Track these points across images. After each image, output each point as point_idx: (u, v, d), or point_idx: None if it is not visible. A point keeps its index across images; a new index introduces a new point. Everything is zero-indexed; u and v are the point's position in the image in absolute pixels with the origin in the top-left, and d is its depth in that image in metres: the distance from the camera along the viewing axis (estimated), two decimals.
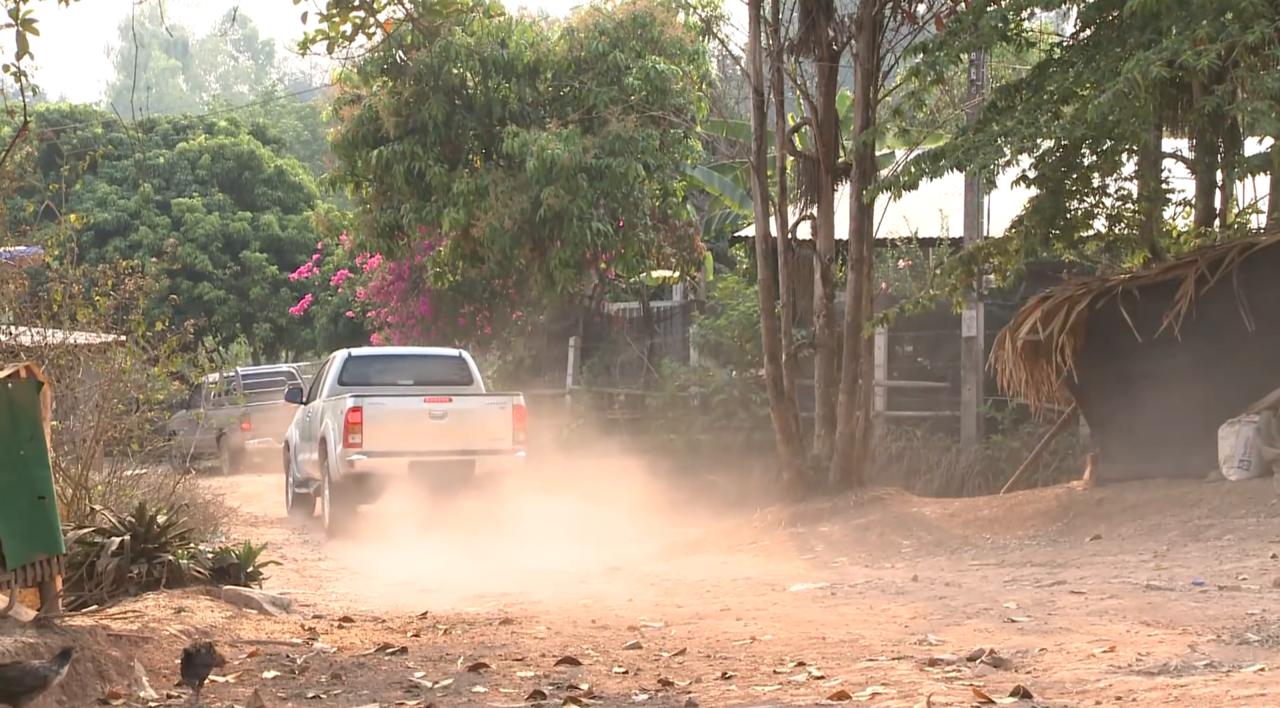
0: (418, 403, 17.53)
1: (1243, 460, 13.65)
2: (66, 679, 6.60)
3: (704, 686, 6.58)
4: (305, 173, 40.70)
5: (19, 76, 8.59)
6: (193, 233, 36.74)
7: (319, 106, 41.14)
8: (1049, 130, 13.50)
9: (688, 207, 25.10)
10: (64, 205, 11.93)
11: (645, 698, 6.36)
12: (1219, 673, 6.07)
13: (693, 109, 23.08)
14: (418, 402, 17.56)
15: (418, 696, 6.57)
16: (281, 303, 36.68)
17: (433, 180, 22.15)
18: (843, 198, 16.97)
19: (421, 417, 17.42)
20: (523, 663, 7.38)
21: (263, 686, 6.80)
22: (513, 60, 22.69)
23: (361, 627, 8.99)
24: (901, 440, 19.89)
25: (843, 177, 16.57)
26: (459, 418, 17.52)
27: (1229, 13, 12.11)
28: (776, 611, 9.17)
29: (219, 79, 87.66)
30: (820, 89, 16.66)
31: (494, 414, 17.77)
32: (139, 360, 11.33)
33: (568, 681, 6.79)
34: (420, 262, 25.07)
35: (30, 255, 11.90)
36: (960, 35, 13.65)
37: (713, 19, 22.27)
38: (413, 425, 17.30)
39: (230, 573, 9.64)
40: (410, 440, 17.12)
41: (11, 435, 7.15)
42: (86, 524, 9.35)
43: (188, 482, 12.01)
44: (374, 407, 17.17)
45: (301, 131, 51.90)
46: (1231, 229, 15.81)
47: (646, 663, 7.31)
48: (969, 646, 7.17)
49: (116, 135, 37.47)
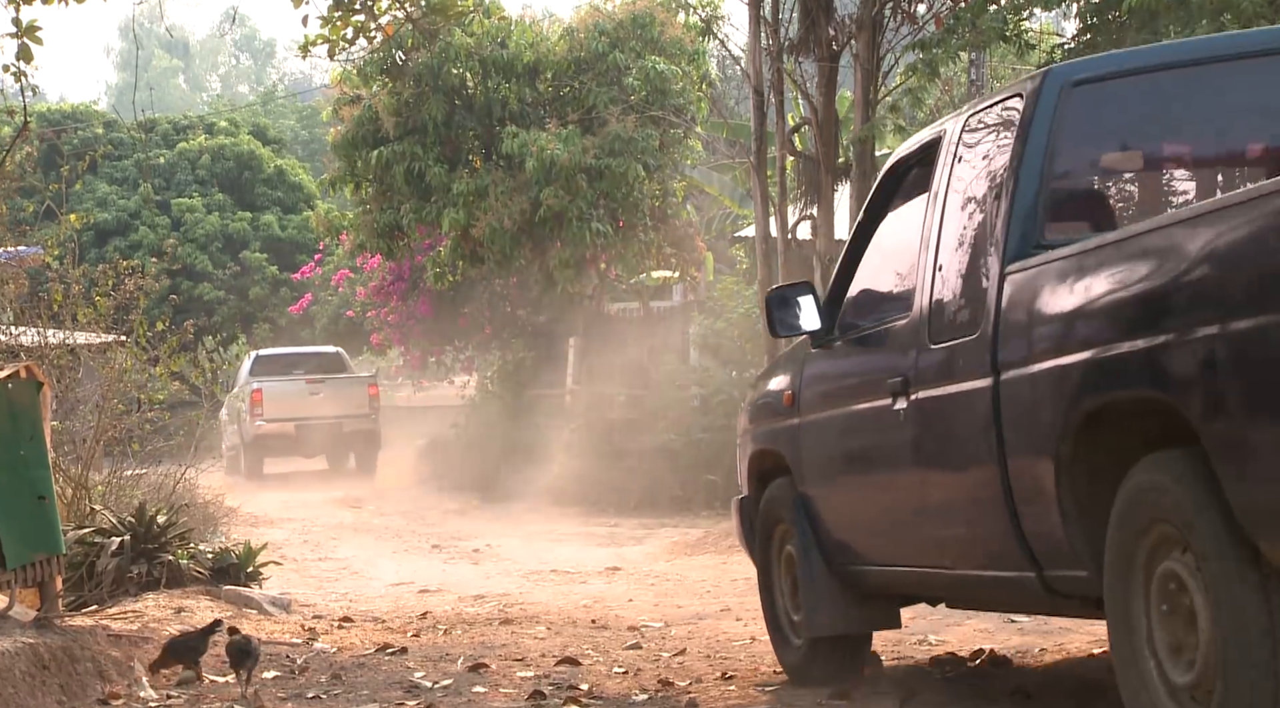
0: (300, 384, 25.28)
1: None
2: (66, 679, 6.62)
3: (704, 686, 6.58)
4: (305, 173, 40.68)
5: (19, 77, 8.60)
6: (193, 233, 36.73)
7: (319, 107, 41.15)
8: None
9: (688, 206, 25.09)
10: (64, 205, 11.93)
11: (645, 698, 6.36)
12: None
13: (693, 109, 23.07)
14: (300, 383, 25.30)
15: (418, 696, 6.57)
16: (281, 303, 36.65)
17: (433, 180, 22.14)
18: (843, 198, 16.97)
19: (303, 394, 25.14)
20: (523, 663, 7.39)
21: (263, 686, 6.80)
22: (512, 60, 22.68)
23: (361, 627, 8.99)
24: None
25: (843, 176, 16.57)
26: (330, 394, 25.45)
27: (1228, 13, 12.12)
28: None
29: (220, 79, 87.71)
30: (820, 89, 16.66)
31: (356, 391, 25.91)
32: (139, 360, 11.33)
33: (568, 681, 6.79)
34: (420, 262, 25.06)
35: (30, 255, 11.90)
36: (958, 33, 13.65)
37: (713, 19, 22.24)
38: (298, 400, 24.92)
39: (230, 573, 9.64)
40: (296, 410, 24.82)
41: (11, 435, 7.16)
42: (86, 524, 9.36)
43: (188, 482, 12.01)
44: (270, 388, 24.85)
45: (301, 132, 51.89)
46: None
47: (646, 663, 7.32)
48: (969, 646, 7.17)
49: (117, 135, 37.44)
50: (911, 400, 5.15)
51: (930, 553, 5.34)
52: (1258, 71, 4.86)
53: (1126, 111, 4.91)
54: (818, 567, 6.08)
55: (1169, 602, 3.98)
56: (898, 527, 5.51)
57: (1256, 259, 3.56)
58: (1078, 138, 4.79)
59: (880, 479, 5.62)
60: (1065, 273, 4.38)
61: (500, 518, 18.04)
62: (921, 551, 5.40)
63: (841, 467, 5.97)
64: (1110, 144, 4.98)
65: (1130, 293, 4.07)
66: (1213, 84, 4.87)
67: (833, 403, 5.93)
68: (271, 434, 25.09)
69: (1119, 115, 4.91)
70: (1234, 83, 4.89)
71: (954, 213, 5.19)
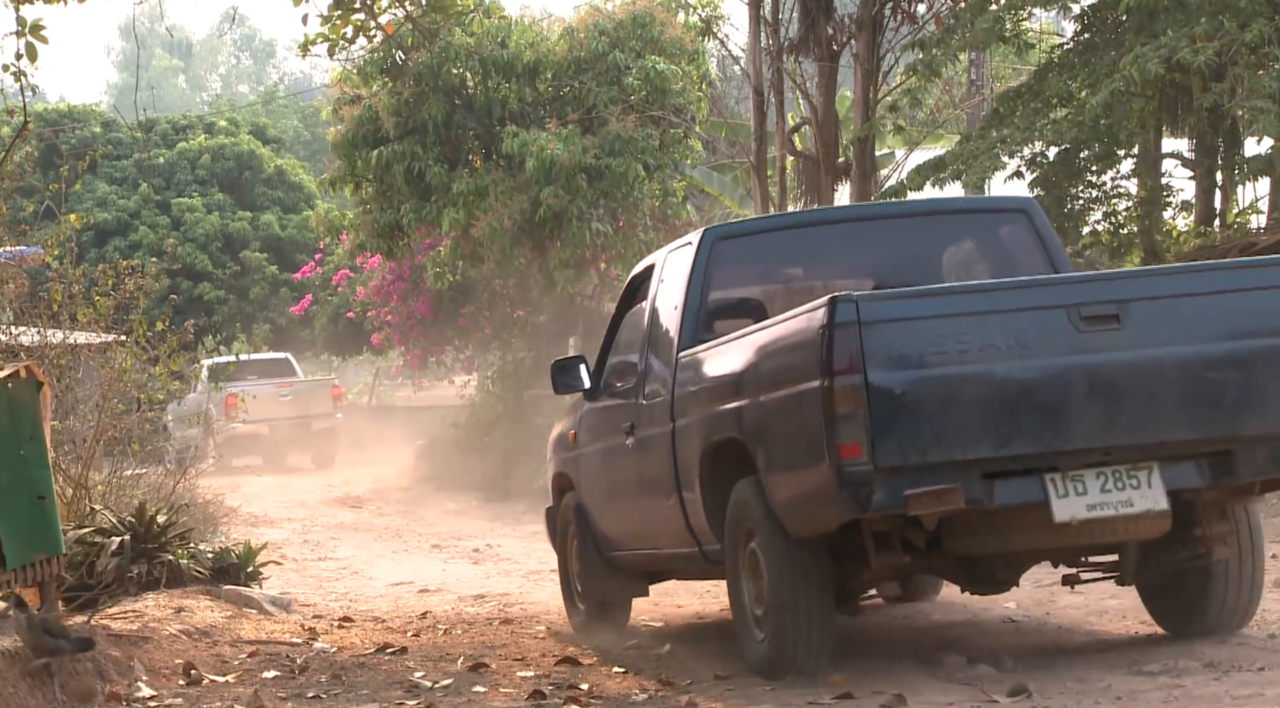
0: (271, 388, 26.99)
1: None
2: (66, 679, 6.62)
3: (704, 686, 6.59)
4: (305, 173, 40.64)
5: (19, 76, 8.60)
6: (193, 233, 36.68)
7: (319, 106, 41.13)
8: (1045, 134, 13.51)
9: (688, 207, 25.07)
10: (64, 205, 11.93)
11: (645, 698, 6.37)
12: (1219, 673, 6.08)
13: (693, 109, 23.06)
14: (271, 387, 27.01)
15: (418, 696, 6.57)
16: (281, 303, 36.62)
17: (433, 180, 22.13)
18: (843, 198, 16.98)
19: (275, 397, 27.10)
20: (523, 663, 7.40)
21: (263, 686, 6.81)
22: (513, 60, 22.67)
23: (361, 627, 9.00)
24: None
25: (843, 176, 16.58)
26: (298, 396, 28.34)
27: (1227, 12, 12.11)
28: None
29: (220, 79, 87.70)
30: (820, 89, 16.67)
31: (321, 393, 29.22)
32: (139, 360, 11.33)
33: (568, 681, 6.79)
34: (420, 262, 25.05)
35: (30, 255, 11.89)
36: (957, 32, 13.65)
37: (713, 19, 22.25)
38: (270, 403, 26.30)
39: (230, 573, 9.64)
40: (269, 412, 26.60)
41: (11, 435, 7.16)
42: (86, 524, 9.35)
43: (188, 481, 12.01)
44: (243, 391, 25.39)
45: (301, 131, 51.86)
46: (1231, 229, 15.81)
47: (646, 663, 7.32)
48: (968, 645, 7.17)
49: (116, 135, 37.40)
50: (635, 438, 7.70)
51: (649, 540, 7.92)
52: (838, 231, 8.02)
53: (754, 256, 7.84)
54: (591, 554, 8.52)
55: (752, 565, 6.68)
56: (632, 524, 8.07)
57: (774, 358, 6.37)
58: (723, 272, 7.50)
59: (621, 491, 8.08)
60: (703, 360, 7.06)
61: (500, 518, 18.04)
62: (645, 539, 7.97)
63: (601, 484, 8.39)
64: (744, 277, 7.83)
65: (726, 373, 6.77)
66: (809, 239, 7.87)
67: (596, 439, 8.39)
68: (246, 434, 26.84)
69: (749, 258, 7.81)
70: (822, 238, 7.89)
71: (656, 316, 7.77)
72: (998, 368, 5.94)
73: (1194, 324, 6.11)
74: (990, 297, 6.19)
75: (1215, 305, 6.16)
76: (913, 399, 5.87)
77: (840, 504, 5.92)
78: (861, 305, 5.89)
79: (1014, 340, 5.95)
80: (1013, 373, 5.95)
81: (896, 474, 5.83)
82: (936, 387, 5.89)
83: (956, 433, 5.89)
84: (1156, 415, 6.00)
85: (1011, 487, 5.98)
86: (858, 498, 5.83)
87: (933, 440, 5.87)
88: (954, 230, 7.89)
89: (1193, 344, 6.05)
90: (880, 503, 5.84)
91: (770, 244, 7.87)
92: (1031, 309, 6.05)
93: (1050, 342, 5.98)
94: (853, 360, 5.82)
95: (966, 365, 5.92)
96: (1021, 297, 6.16)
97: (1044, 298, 6.11)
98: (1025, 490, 5.99)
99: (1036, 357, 5.95)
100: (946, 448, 5.88)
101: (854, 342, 5.84)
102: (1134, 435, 5.99)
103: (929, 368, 5.91)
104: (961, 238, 7.83)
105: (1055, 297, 6.11)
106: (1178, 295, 6.18)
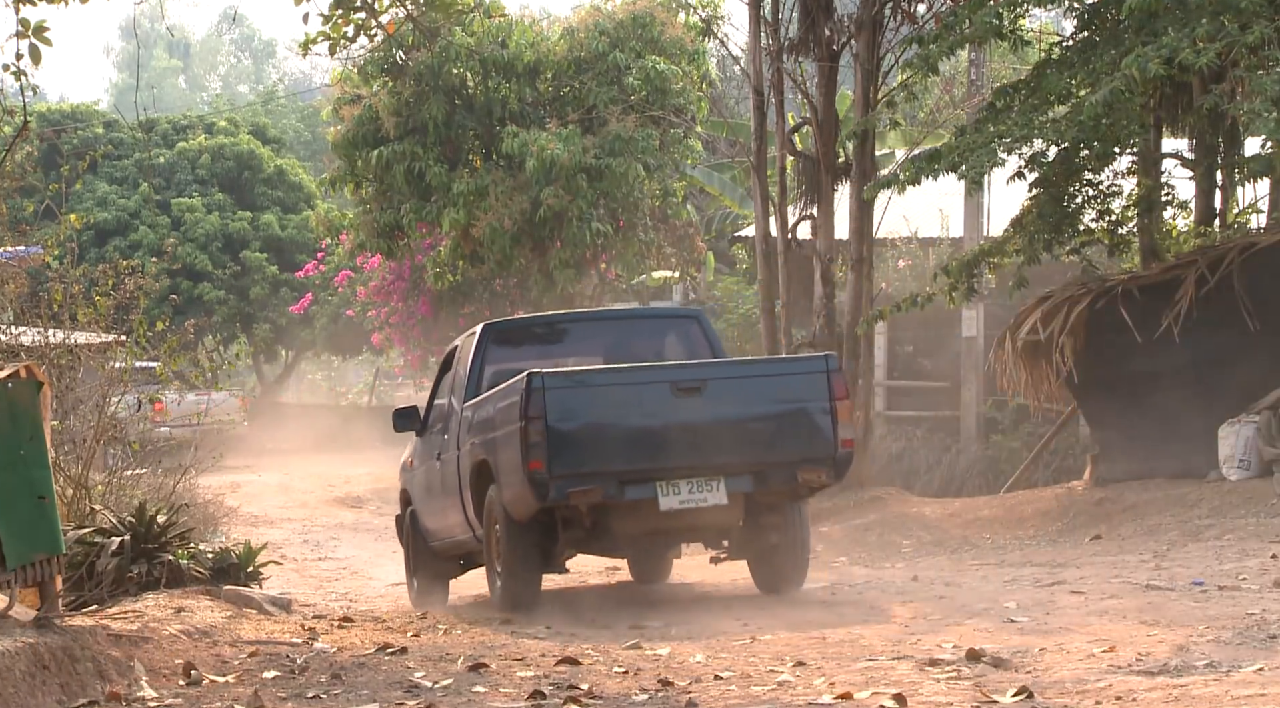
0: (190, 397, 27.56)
1: (1243, 460, 13.65)
2: (66, 679, 6.61)
3: (704, 686, 6.58)
4: (305, 173, 40.63)
5: (19, 76, 8.59)
6: (193, 233, 36.67)
7: (319, 106, 41.13)
8: (1043, 132, 13.50)
9: (688, 207, 25.09)
10: (64, 205, 11.93)
11: (645, 698, 6.36)
12: (1219, 673, 6.08)
13: (693, 109, 23.08)
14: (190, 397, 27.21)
15: (418, 696, 6.57)
16: (281, 303, 36.60)
17: (433, 180, 22.15)
18: (843, 198, 16.98)
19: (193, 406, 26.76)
20: (523, 663, 7.39)
21: (263, 686, 6.80)
22: (513, 60, 22.69)
23: (361, 627, 8.99)
24: (901, 441, 19.89)
25: (843, 176, 16.58)
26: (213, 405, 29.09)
27: (1228, 13, 12.11)
28: (776, 610, 9.18)
29: (220, 79, 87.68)
30: (820, 89, 16.68)
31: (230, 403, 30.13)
32: (139, 360, 11.32)
33: (568, 681, 6.79)
34: (420, 262, 25.07)
35: (30, 255, 11.90)
36: (955, 29, 13.64)
37: (713, 19, 22.26)
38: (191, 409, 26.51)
39: (230, 573, 9.63)
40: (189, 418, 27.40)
41: (11, 435, 7.15)
42: (86, 524, 9.35)
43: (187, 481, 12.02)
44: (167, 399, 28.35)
45: (302, 131, 51.83)
46: (1231, 229, 15.81)
47: (646, 663, 7.31)
48: (969, 645, 7.17)
49: (117, 135, 37.38)
50: (440, 461, 10.98)
51: (449, 531, 10.99)
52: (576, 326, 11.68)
53: (517, 341, 11.21)
54: (421, 546, 11.61)
55: (496, 542, 9.83)
56: (440, 521, 11.19)
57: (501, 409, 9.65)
58: (495, 352, 10.79)
59: (434, 498, 11.26)
60: (473, 408, 10.33)
61: None
62: (447, 530, 11.04)
63: (423, 494, 11.59)
64: (510, 356, 10.80)
65: (481, 418, 10.08)
66: (556, 331, 11.51)
67: (421, 463, 11.63)
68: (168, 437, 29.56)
69: (514, 342, 11.13)
70: (565, 330, 11.50)
71: (456, 378, 11.00)
72: (628, 417, 9.42)
73: (744, 394, 9.59)
74: (623, 374, 9.70)
75: (757, 384, 9.74)
76: (575, 434, 9.28)
77: (531, 498, 9.26)
78: (546, 378, 9.18)
79: (638, 400, 9.43)
80: (636, 421, 9.43)
81: (564, 480, 9.16)
82: (590, 428, 9.37)
83: (601, 455, 9.32)
84: (721, 448, 9.35)
85: (635, 488, 9.31)
86: (541, 494, 9.17)
87: (587, 459, 9.28)
88: (654, 327, 11.58)
89: (743, 407, 9.52)
90: (554, 497, 9.19)
91: (529, 333, 11.48)
92: (648, 383, 9.48)
93: (659, 402, 9.39)
94: (538, 411, 9.12)
95: (609, 415, 9.40)
96: (641, 374, 9.64)
97: (655, 375, 9.58)
98: (643, 490, 9.32)
99: (650, 411, 9.41)
100: (595, 464, 9.27)
101: (540, 400, 9.13)
102: (708, 459, 9.36)
103: (586, 416, 9.35)
104: (664, 332, 11.26)
105: (662, 375, 9.56)
106: (736, 378, 9.77)
